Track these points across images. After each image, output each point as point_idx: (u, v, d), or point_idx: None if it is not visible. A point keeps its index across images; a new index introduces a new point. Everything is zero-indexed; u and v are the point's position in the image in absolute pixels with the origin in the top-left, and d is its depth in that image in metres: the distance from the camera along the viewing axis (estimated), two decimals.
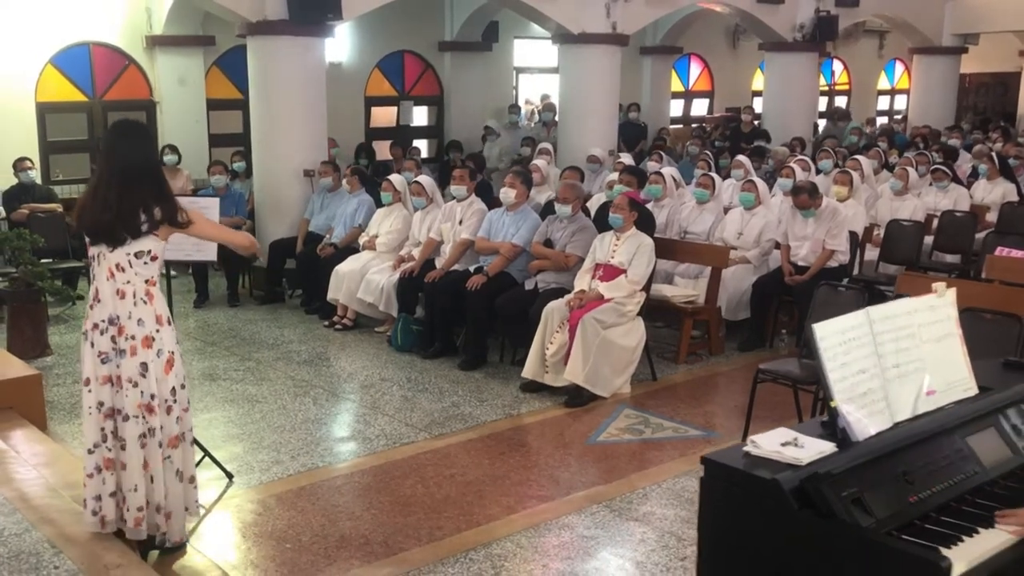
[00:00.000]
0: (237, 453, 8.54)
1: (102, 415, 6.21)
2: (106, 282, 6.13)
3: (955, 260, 13.61)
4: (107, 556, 5.95)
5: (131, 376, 6.13)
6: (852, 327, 4.27)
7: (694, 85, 27.58)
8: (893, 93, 32.31)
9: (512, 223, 11.41)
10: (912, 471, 3.95)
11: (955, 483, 4.06)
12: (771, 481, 3.76)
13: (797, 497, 3.73)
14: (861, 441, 4.07)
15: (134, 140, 6.28)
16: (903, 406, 4.33)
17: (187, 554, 6.57)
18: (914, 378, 4.42)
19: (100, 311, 6.14)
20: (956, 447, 4.20)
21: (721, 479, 4.03)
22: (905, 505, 3.84)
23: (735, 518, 3.99)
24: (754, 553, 3.93)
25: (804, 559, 3.74)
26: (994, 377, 4.92)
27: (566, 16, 17.89)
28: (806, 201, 11.66)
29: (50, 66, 16.88)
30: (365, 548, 6.83)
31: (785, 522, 3.75)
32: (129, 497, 6.25)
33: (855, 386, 4.19)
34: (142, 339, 6.13)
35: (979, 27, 25.15)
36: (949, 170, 15.13)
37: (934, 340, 4.57)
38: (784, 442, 4.02)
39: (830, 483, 3.69)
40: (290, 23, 14.23)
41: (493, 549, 6.82)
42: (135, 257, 6.11)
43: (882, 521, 3.70)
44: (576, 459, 8.59)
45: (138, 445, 6.19)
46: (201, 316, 13.50)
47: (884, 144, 19.48)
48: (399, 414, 9.64)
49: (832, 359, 4.15)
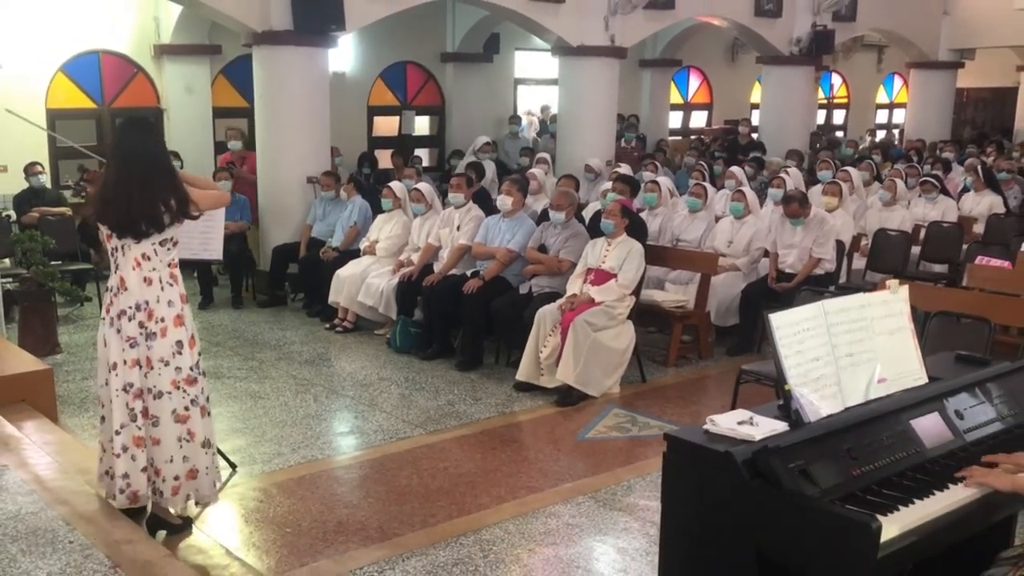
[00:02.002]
0: (240, 445, 8.85)
1: (131, 395, 6.51)
2: (132, 271, 6.45)
3: (942, 270, 13.86)
4: (117, 533, 6.27)
5: (163, 356, 6.48)
6: (807, 318, 4.60)
7: (693, 97, 27.89)
8: (892, 107, 32.57)
9: (508, 229, 11.71)
10: (857, 448, 4.29)
11: (896, 460, 4.39)
12: (725, 454, 4.10)
13: (749, 469, 4.06)
14: (813, 422, 4.41)
15: (147, 136, 6.63)
16: (855, 392, 4.66)
17: (192, 535, 6.89)
18: (866, 367, 4.75)
19: (126, 299, 6.45)
20: (900, 428, 4.54)
21: (681, 453, 4.37)
22: (848, 478, 4.17)
23: (694, 489, 4.31)
24: (711, 521, 4.26)
25: (756, 524, 4.07)
26: (945, 369, 5.28)
27: (565, 29, 18.12)
28: (796, 210, 11.94)
29: (60, 74, 17.28)
30: (361, 533, 7.15)
31: (738, 491, 4.08)
32: (165, 468, 6.60)
33: (809, 372, 4.52)
34: (173, 319, 6.50)
35: (975, 42, 25.42)
36: (937, 182, 15.39)
37: (886, 333, 4.90)
38: (740, 421, 4.34)
39: (779, 456, 4.02)
40: (294, 33, 14.48)
41: (483, 535, 7.13)
42: (160, 246, 6.48)
43: (826, 491, 4.03)
44: (565, 454, 8.90)
45: (173, 419, 6.56)
46: (205, 318, 13.77)
47: (878, 157, 19.73)
48: (396, 411, 9.96)
49: (787, 347, 4.48)
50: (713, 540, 4.28)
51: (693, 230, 13.18)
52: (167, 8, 17.80)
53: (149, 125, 6.81)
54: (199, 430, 6.70)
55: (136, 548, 6.04)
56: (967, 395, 4.97)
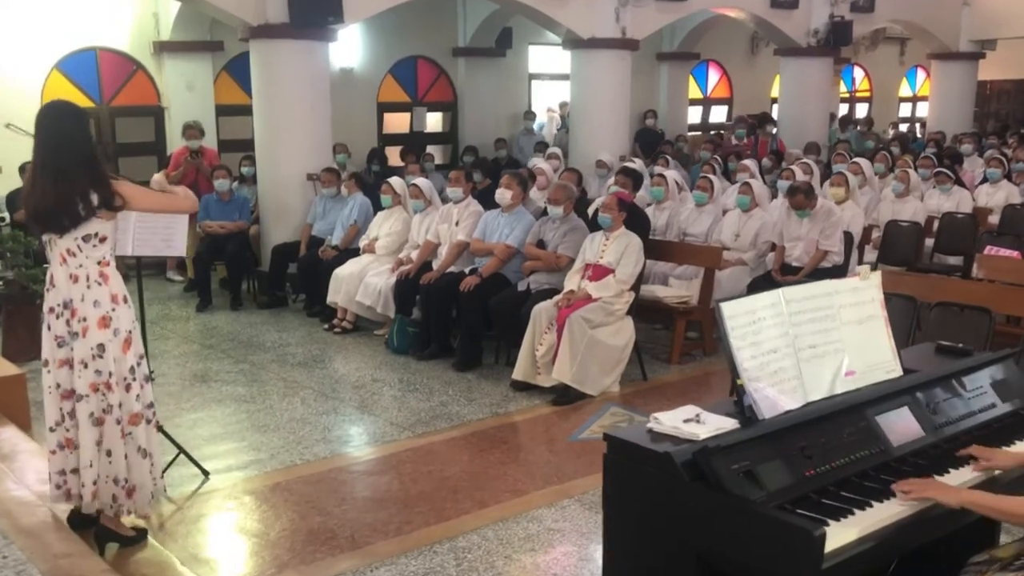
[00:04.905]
0: (217, 452, 8.59)
1: (59, 396, 6.27)
2: (59, 267, 6.16)
3: (957, 262, 13.54)
4: (57, 546, 5.98)
5: (84, 358, 6.17)
6: (763, 307, 4.29)
7: (712, 92, 27.54)
8: (915, 100, 32.23)
9: (507, 224, 11.44)
10: (812, 446, 3.97)
11: (857, 459, 4.08)
12: (664, 455, 3.80)
13: (689, 470, 3.75)
14: (768, 419, 4.08)
15: (65, 123, 6.16)
16: (819, 386, 4.35)
17: (146, 547, 6.61)
18: (832, 359, 4.44)
19: (55, 295, 6.19)
20: (863, 424, 4.22)
21: (621, 454, 4.10)
22: (801, 479, 3.86)
23: (634, 492, 4.04)
24: (651, 526, 3.97)
25: (696, 530, 3.78)
26: (923, 360, 4.96)
27: (575, 21, 17.90)
28: (802, 201, 11.65)
29: (56, 72, 16.98)
30: (331, 542, 6.87)
31: (678, 494, 3.79)
32: (83, 473, 6.30)
33: (765, 365, 4.21)
34: (97, 320, 6.17)
35: (996, 33, 25.03)
36: (952, 173, 15.09)
37: (855, 322, 4.58)
38: (686, 419, 4.05)
39: (721, 456, 3.71)
40: (291, 26, 14.26)
41: (458, 542, 6.86)
42: (83, 241, 6.12)
43: (773, 494, 3.72)
44: (555, 455, 8.63)
45: (90, 423, 6.24)
46: (203, 320, 13.57)
47: (896, 149, 19.41)
48: (386, 413, 9.70)
49: (741, 338, 4.17)
50: (654, 547, 4.00)
51: (700, 224, 12.90)
52: (166, 4, 17.57)
53: (69, 109, 6.35)
54: (108, 438, 6.35)
55: (74, 563, 5.74)
56: (942, 388, 4.65)
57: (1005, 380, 4.92)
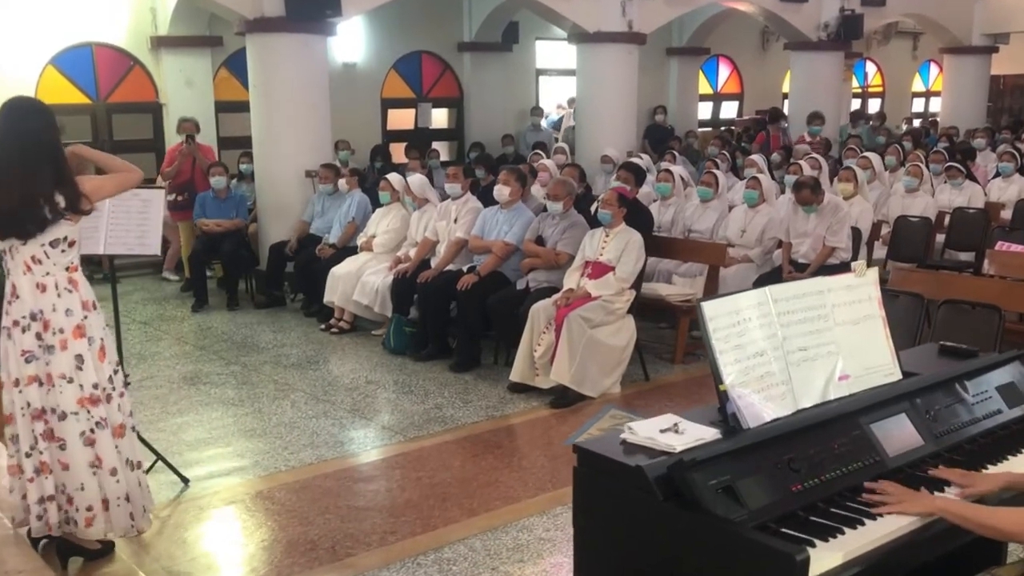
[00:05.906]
0: (200, 458, 8.33)
1: (30, 417, 5.91)
2: (23, 276, 5.81)
3: (968, 258, 13.26)
4: (11, 562, 5.70)
5: (64, 372, 5.86)
6: (748, 306, 4.01)
7: (723, 87, 27.27)
8: (928, 95, 31.95)
9: (506, 221, 11.18)
10: (799, 459, 3.66)
11: (849, 472, 3.77)
12: (635, 468, 3.49)
13: (663, 486, 3.45)
14: (752, 428, 3.78)
15: (29, 121, 5.81)
16: (810, 391, 4.06)
17: (113, 561, 6.34)
18: (825, 362, 4.15)
19: (20, 307, 5.83)
20: (855, 434, 3.91)
21: (592, 467, 3.77)
22: (787, 495, 3.55)
23: (605, 508, 3.73)
24: (624, 546, 3.67)
25: (670, 552, 3.48)
26: (925, 362, 4.66)
27: (581, 15, 17.73)
28: (808, 196, 11.36)
29: (51, 67, 16.69)
30: (310, 554, 6.59)
31: (651, 513, 3.49)
32: (76, 497, 5.99)
33: (751, 369, 3.92)
34: (72, 330, 5.86)
35: (1009, 26, 24.85)
36: (964, 167, 14.83)
37: (850, 322, 4.29)
38: (663, 428, 3.75)
39: (698, 471, 3.41)
40: (288, 20, 14.04)
41: (444, 553, 6.58)
42: (51, 247, 5.80)
43: (756, 512, 3.41)
44: (550, 460, 8.31)
45: (82, 442, 5.93)
46: (198, 320, 13.33)
47: (909, 144, 19.15)
48: (378, 417, 9.46)
49: (723, 340, 3.89)
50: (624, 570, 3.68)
51: (705, 220, 12.65)
52: None
53: (33, 106, 6.02)
54: (108, 456, 6.05)
55: None
56: (944, 393, 4.33)
57: (1012, 384, 4.60)
